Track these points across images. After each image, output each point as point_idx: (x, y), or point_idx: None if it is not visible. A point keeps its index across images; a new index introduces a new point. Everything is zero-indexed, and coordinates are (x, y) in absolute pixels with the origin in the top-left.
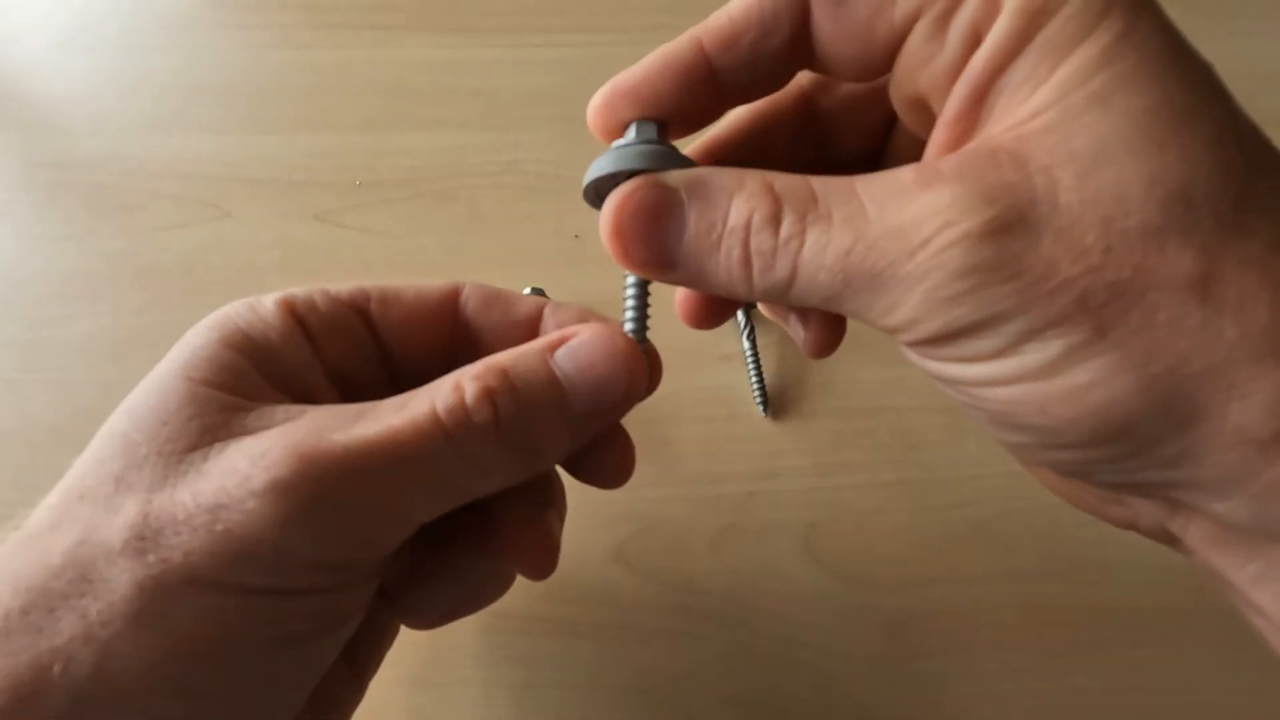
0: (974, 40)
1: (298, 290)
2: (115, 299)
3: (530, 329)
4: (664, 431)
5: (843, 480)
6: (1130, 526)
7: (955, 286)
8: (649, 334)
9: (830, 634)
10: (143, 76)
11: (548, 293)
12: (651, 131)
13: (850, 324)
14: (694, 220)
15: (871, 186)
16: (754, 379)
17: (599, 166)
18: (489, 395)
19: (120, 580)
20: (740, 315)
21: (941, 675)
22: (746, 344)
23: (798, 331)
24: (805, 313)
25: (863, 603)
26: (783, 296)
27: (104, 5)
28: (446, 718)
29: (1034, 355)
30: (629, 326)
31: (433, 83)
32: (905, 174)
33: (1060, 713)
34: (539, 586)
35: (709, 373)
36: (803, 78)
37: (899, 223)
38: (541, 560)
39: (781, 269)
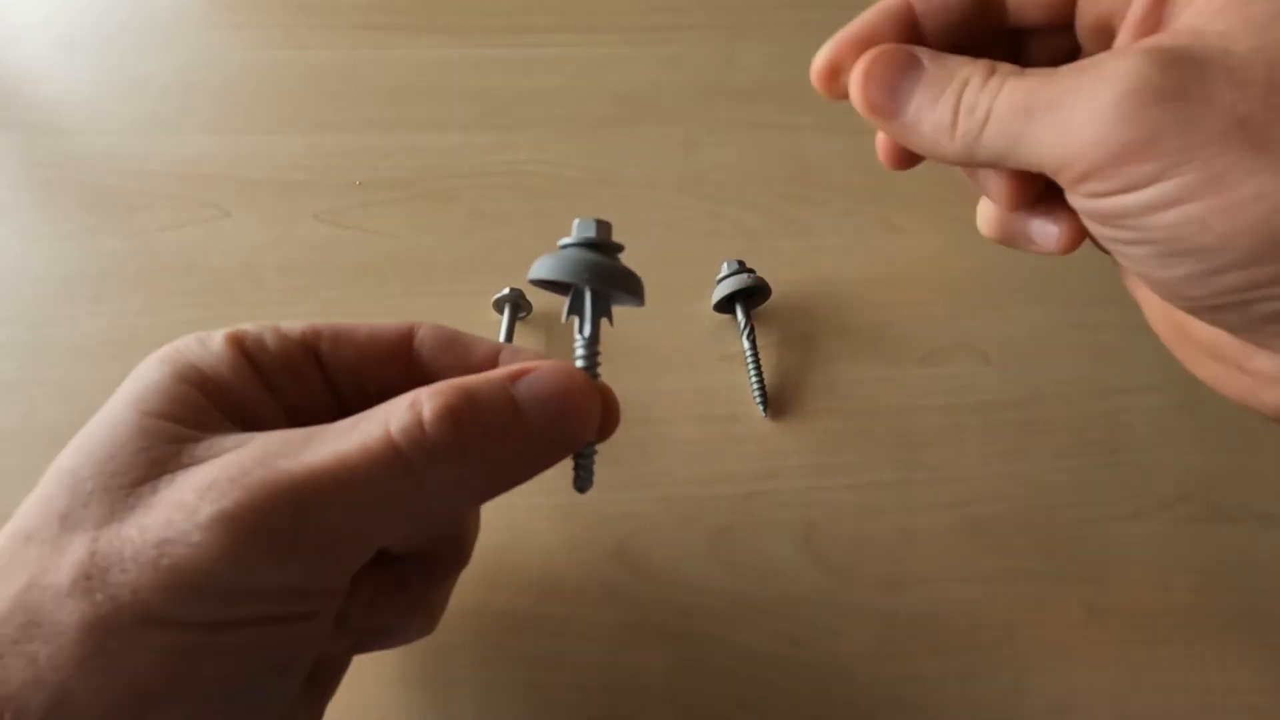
0: None
1: (248, 326)
2: (115, 299)
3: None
4: (664, 431)
5: (843, 480)
6: None
7: (1125, 104)
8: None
9: (830, 634)
10: (143, 76)
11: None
12: (590, 231)
13: (851, 323)
14: (929, 75)
15: (1073, 63)
16: (754, 379)
17: (541, 268)
18: (451, 413)
19: (68, 622)
20: (740, 315)
21: (941, 675)
22: (746, 344)
23: (991, 182)
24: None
25: (862, 602)
26: (975, 144)
27: (104, 5)
28: (446, 718)
29: (1198, 173)
30: (580, 365)
31: (433, 83)
32: (1106, 53)
33: (1060, 713)
34: (539, 586)
35: (709, 373)
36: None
37: (1082, 66)
38: (426, 624)
39: (979, 111)
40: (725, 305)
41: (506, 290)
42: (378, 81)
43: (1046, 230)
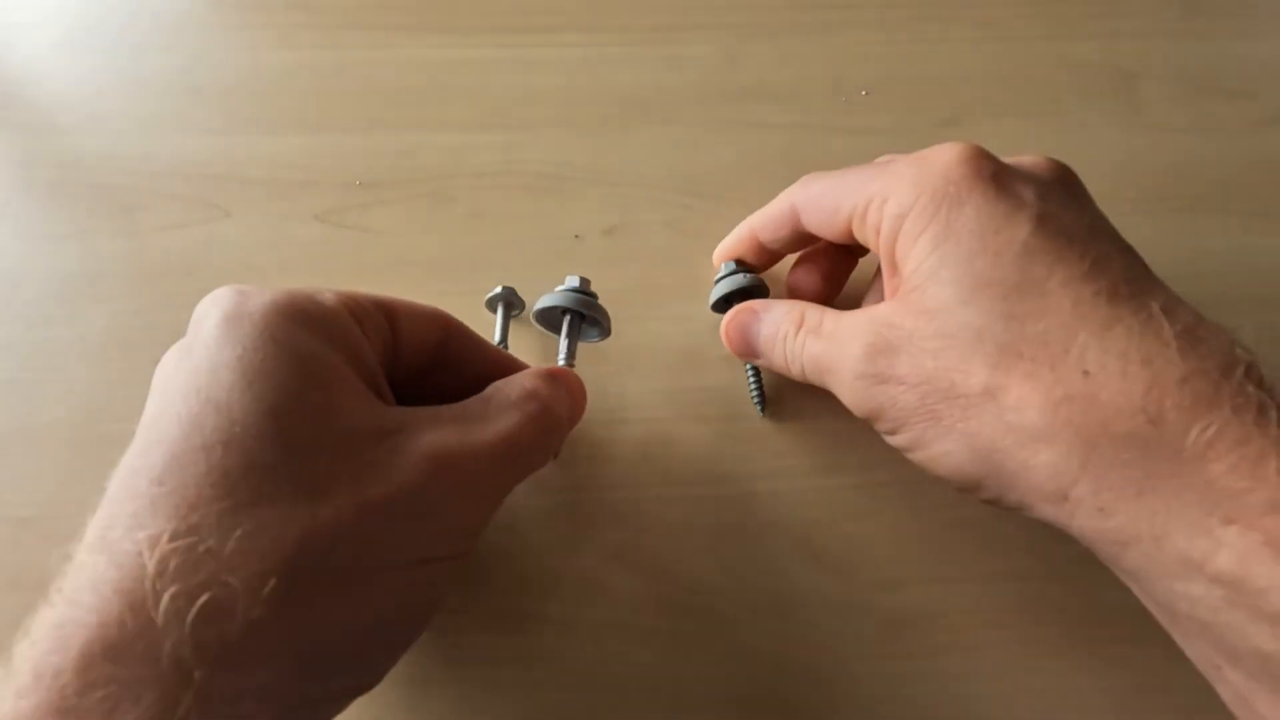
0: (877, 232)
1: (338, 292)
2: (115, 299)
3: (499, 369)
4: (664, 431)
5: (843, 480)
6: None
7: (853, 385)
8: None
9: (830, 634)
10: (143, 76)
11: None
12: (575, 282)
13: None
14: (763, 329)
15: (845, 322)
16: (753, 379)
17: (549, 299)
18: (556, 400)
19: (339, 566)
20: None
21: (941, 675)
22: None
23: None
24: None
25: (863, 602)
26: (805, 378)
27: (104, 5)
28: (446, 718)
29: (907, 435)
30: (563, 360)
31: (433, 83)
32: (862, 314)
33: (1060, 712)
34: (539, 586)
35: (709, 373)
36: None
37: (841, 344)
38: None
39: (796, 363)
40: (724, 305)
41: (499, 289)
42: (378, 81)
43: None
